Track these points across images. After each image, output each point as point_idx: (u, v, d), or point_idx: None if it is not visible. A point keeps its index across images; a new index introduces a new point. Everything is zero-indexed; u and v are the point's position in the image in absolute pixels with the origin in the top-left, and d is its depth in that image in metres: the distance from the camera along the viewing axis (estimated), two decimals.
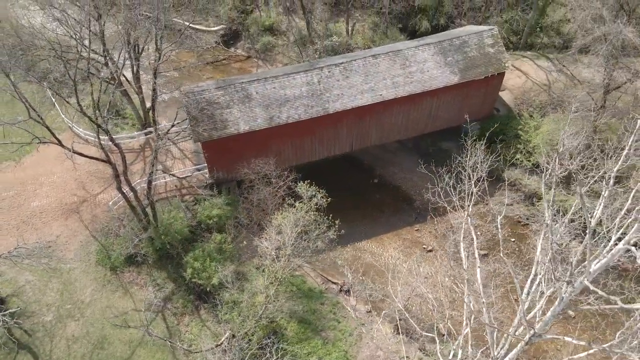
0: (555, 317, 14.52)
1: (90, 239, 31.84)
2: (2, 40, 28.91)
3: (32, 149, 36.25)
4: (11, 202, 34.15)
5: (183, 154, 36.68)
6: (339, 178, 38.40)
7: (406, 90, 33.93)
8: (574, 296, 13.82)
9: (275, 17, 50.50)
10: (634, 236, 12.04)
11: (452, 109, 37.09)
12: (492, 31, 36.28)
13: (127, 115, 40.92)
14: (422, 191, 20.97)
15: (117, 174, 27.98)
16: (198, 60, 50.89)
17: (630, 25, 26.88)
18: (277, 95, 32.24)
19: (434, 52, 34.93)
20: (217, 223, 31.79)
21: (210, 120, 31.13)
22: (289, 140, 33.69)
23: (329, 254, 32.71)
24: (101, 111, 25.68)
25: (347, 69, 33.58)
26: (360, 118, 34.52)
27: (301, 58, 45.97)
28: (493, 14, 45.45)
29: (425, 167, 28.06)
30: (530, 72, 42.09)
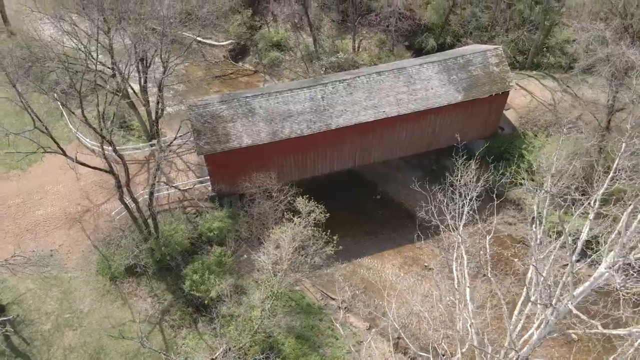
0: (542, 340, 14.28)
1: (92, 248, 32.07)
2: (12, 52, 29.56)
3: (39, 158, 36.85)
4: (17, 210, 34.56)
5: (187, 166, 36.99)
6: (342, 193, 38.44)
7: (410, 108, 34.05)
8: (567, 319, 13.63)
9: (283, 33, 51.15)
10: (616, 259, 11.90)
11: (456, 127, 37.03)
12: (497, 50, 36.42)
13: (134, 127, 41.42)
14: (425, 208, 20.86)
15: (119, 184, 28.24)
16: (206, 74, 51.62)
17: (634, 48, 26.86)
18: (281, 110, 32.52)
19: (438, 70, 35.10)
20: (217, 236, 31.89)
21: (213, 134, 31.44)
22: (291, 155, 33.85)
23: (330, 269, 32.61)
24: (106, 122, 25.98)
25: (350, 86, 33.83)
26: (363, 134, 34.64)
27: (307, 73, 46.40)
28: (499, 33, 45.63)
29: (427, 184, 27.98)
30: (535, 92, 42.06)
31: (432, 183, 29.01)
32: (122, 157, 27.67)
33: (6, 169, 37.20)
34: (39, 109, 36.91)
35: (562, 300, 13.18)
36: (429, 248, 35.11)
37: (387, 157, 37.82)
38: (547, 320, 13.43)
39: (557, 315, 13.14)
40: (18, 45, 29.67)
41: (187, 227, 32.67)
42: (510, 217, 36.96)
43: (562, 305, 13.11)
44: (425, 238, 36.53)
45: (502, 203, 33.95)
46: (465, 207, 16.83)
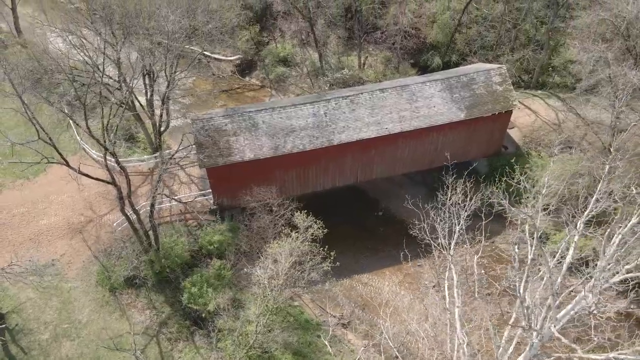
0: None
1: (93, 259, 32.25)
2: (21, 64, 30.24)
3: (45, 168, 37.36)
4: (21, 219, 34.94)
5: (190, 178, 37.27)
6: (344, 209, 38.44)
7: (412, 125, 34.15)
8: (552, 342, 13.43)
9: (290, 49, 51.73)
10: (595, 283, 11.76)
11: (459, 145, 37.07)
12: (501, 69, 36.53)
13: (140, 139, 41.91)
14: (418, 226, 20.85)
15: (121, 196, 28.52)
16: (214, 88, 52.26)
17: (637, 69, 26.80)
18: (284, 125, 32.77)
19: (441, 88, 35.25)
20: (217, 249, 31.95)
21: (215, 147, 31.73)
22: (293, 169, 34.01)
23: (329, 286, 32.48)
24: (109, 134, 26.36)
25: (353, 102, 34.05)
26: (366, 150, 34.74)
27: (313, 89, 46.79)
28: (505, 53, 45.80)
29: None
30: (540, 111, 42.01)
31: (432, 201, 28.92)
32: (124, 169, 27.98)
33: (13, 178, 37.73)
34: (48, 120, 37.63)
35: (547, 322, 13.04)
36: (430, 266, 34.88)
37: (389, 174, 37.83)
38: (531, 342, 13.26)
39: (542, 339, 12.96)
40: (28, 57, 30.32)
41: (188, 240, 32.81)
42: (513, 237, 36.64)
43: (545, 328, 12.97)
44: (425, 256, 36.34)
45: (505, 222, 33.88)
46: (456, 227, 16.76)
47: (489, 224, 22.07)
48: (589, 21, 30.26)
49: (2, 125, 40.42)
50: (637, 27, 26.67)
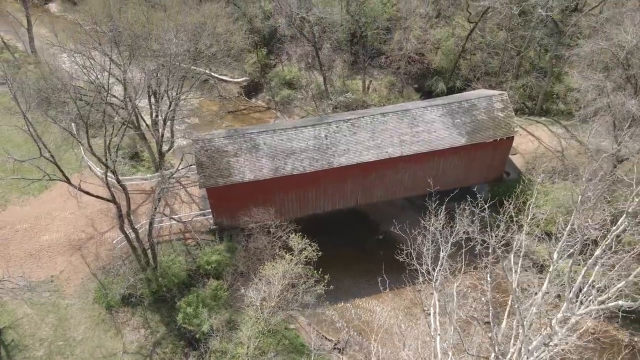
0: None
1: (91, 276, 32.38)
2: (28, 82, 31.04)
3: (51, 185, 37.87)
4: (23, 235, 35.33)
5: (191, 198, 37.53)
6: (344, 232, 38.34)
7: (412, 149, 34.25)
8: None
9: (296, 72, 52.49)
10: (565, 314, 11.55)
11: (460, 170, 37.03)
12: (502, 96, 36.68)
13: (144, 158, 42.46)
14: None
15: (120, 214, 28.78)
16: (220, 109, 53.02)
17: (637, 97, 26.76)
18: (284, 147, 33.05)
19: (442, 113, 35.42)
20: (215, 269, 31.95)
21: (216, 168, 32.02)
22: (293, 191, 34.13)
23: (326, 309, 32.20)
24: (111, 153, 26.78)
25: (354, 125, 34.31)
26: (366, 174, 34.82)
27: (317, 112, 47.24)
28: (508, 79, 46.03)
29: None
30: (543, 138, 41.95)
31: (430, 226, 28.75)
32: (124, 187, 28.28)
33: (19, 194, 38.29)
34: (55, 137, 38.33)
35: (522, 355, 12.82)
36: (429, 292, 34.46)
37: (390, 198, 37.78)
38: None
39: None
40: (37, 76, 31.17)
41: (186, 259, 32.88)
42: (514, 264, 36.19)
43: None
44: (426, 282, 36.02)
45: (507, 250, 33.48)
46: (442, 253, 16.65)
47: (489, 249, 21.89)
48: (588, 50, 30.44)
49: (12, 142, 41.23)
50: (636, 56, 26.78)
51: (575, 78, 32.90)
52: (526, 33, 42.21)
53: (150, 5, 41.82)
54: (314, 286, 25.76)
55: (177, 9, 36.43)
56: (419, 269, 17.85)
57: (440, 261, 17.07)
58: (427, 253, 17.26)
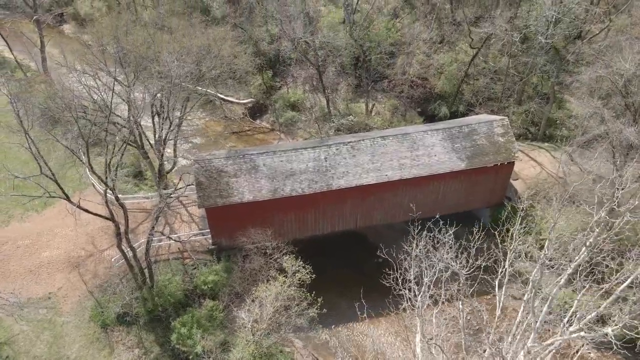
0: None
1: (88, 294, 32.44)
2: (38, 102, 31.77)
3: (54, 202, 38.29)
4: (24, 251, 35.63)
5: (191, 217, 37.70)
6: (343, 254, 38.15)
7: (412, 173, 34.27)
8: None
9: (300, 94, 53.12)
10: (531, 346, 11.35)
11: (461, 195, 36.91)
12: (503, 121, 36.75)
13: (148, 177, 42.89)
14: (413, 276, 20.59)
15: (118, 232, 29.00)
16: (225, 129, 53.65)
17: (637, 125, 26.68)
18: (284, 168, 33.25)
19: (442, 138, 35.52)
20: (212, 289, 31.87)
21: (215, 188, 32.24)
22: (292, 213, 34.19)
23: (321, 332, 31.85)
24: (111, 171, 27.15)
25: (354, 148, 34.48)
26: (365, 196, 34.83)
27: (320, 134, 47.60)
28: (511, 104, 46.17)
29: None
30: (545, 163, 41.77)
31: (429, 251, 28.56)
32: (123, 206, 28.56)
33: (22, 210, 38.74)
34: (60, 155, 38.97)
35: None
36: (428, 317, 33.99)
37: (389, 221, 37.65)
38: None
39: None
40: (44, 95, 31.92)
41: (184, 279, 32.86)
42: (515, 290, 35.70)
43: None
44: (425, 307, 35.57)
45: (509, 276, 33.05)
46: (425, 278, 16.52)
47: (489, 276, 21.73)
48: (587, 78, 30.55)
49: (19, 160, 41.91)
50: (635, 84, 26.81)
51: (574, 105, 32.98)
52: (528, 59, 42.51)
53: (158, 28, 42.89)
54: (307, 309, 25.54)
55: (183, 32, 37.25)
56: (405, 294, 17.68)
57: (423, 287, 16.93)
58: (411, 278, 17.12)
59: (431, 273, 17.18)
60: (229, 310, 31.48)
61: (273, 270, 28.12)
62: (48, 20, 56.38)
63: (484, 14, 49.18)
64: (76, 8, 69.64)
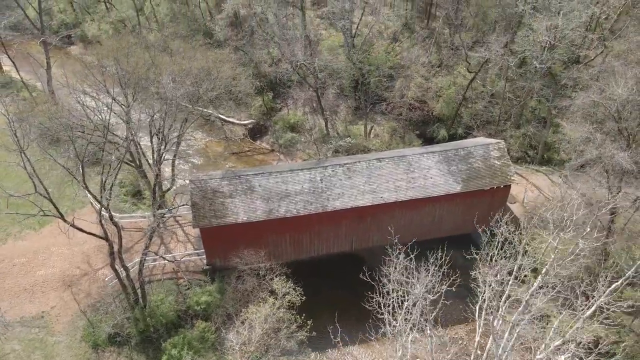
0: None
1: (81, 313, 32.32)
2: (37, 121, 32.29)
3: (52, 220, 38.49)
4: (20, 269, 35.70)
5: (187, 237, 37.74)
6: (340, 275, 37.85)
7: (408, 195, 34.27)
8: None
9: (300, 116, 53.61)
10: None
11: (457, 217, 36.79)
12: (499, 144, 36.85)
13: (146, 196, 43.10)
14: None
15: (112, 251, 29.06)
16: (225, 150, 54.08)
17: (630, 150, 26.69)
18: (279, 189, 33.36)
19: (438, 160, 35.61)
20: (204, 310, 31.68)
21: (211, 208, 32.35)
22: (287, 234, 34.16)
23: (319, 356, 31.45)
24: (106, 190, 27.37)
25: (350, 170, 34.61)
26: (361, 218, 34.78)
27: (318, 155, 47.85)
28: (508, 127, 46.34)
29: None
30: (543, 187, 41.70)
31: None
32: (117, 224, 28.69)
33: (20, 228, 38.92)
34: (59, 173, 39.36)
35: None
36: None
37: (386, 243, 37.40)
38: None
39: None
40: (44, 114, 32.46)
41: (177, 299, 32.72)
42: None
43: None
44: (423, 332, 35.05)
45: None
46: (406, 302, 16.36)
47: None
48: (580, 103, 30.74)
49: (19, 178, 42.24)
50: (627, 109, 26.94)
51: (567, 129, 33.12)
52: (525, 84, 42.84)
53: (160, 50, 43.73)
54: (297, 332, 25.30)
55: (184, 54, 37.96)
56: (387, 319, 17.51)
57: (402, 311, 16.77)
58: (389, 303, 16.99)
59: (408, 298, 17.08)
60: (221, 331, 31.25)
61: (264, 292, 27.96)
62: (55, 42, 57.61)
63: (480, 39, 49.83)
64: (84, 30, 71.19)
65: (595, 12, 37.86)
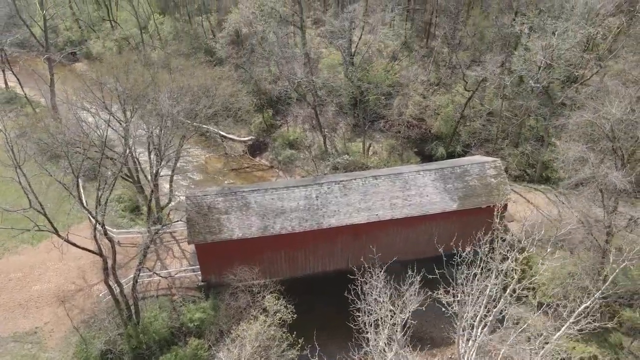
0: None
1: (74, 329, 32.19)
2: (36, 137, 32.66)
3: (49, 235, 38.58)
4: (15, 284, 35.73)
5: (183, 253, 37.72)
6: (335, 292, 37.57)
7: (403, 213, 34.23)
8: None
9: (299, 133, 53.92)
10: None
11: (453, 236, 36.52)
12: (495, 163, 36.87)
13: (144, 211, 43.23)
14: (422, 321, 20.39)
15: (106, 267, 29.08)
16: (224, 166, 54.34)
17: (624, 170, 26.65)
18: (275, 206, 33.41)
19: (435, 178, 35.63)
20: (198, 327, 31.52)
21: (206, 224, 32.40)
22: (282, 251, 34.10)
23: None
24: (101, 205, 27.54)
25: (346, 187, 34.66)
26: (356, 236, 34.71)
27: (316, 172, 48.00)
28: (506, 146, 46.39)
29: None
30: (541, 205, 41.53)
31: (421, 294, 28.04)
32: (111, 240, 28.76)
33: (17, 243, 39.09)
34: (58, 188, 39.66)
35: None
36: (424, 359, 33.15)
37: (381, 261, 37.20)
38: None
39: None
40: (42, 130, 32.90)
41: (171, 316, 32.56)
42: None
43: None
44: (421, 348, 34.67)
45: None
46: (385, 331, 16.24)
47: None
48: (574, 122, 30.84)
49: (18, 193, 42.45)
50: (620, 129, 27.00)
51: (560, 148, 33.17)
52: (522, 102, 43.04)
53: (161, 67, 44.35)
54: (287, 350, 25.09)
55: (183, 71, 38.48)
56: (370, 338, 17.37)
57: (380, 330, 16.61)
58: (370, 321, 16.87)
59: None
60: (214, 349, 31.00)
61: (257, 309, 27.81)
62: (59, 59, 58.58)
63: (477, 58, 50.24)
64: (88, 47, 72.36)
65: (591, 32, 38.19)
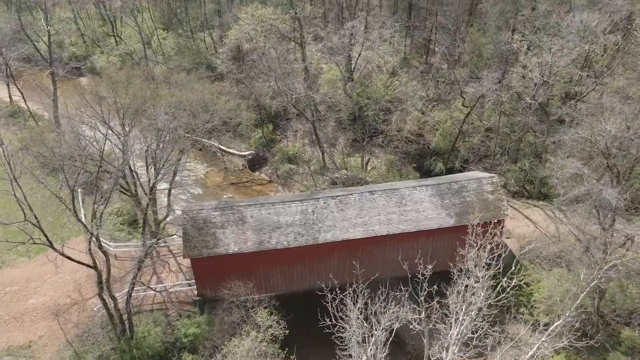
0: None
1: (68, 343, 32.04)
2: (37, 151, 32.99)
3: (46, 248, 38.67)
4: (11, 297, 35.69)
5: (179, 267, 37.68)
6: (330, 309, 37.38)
7: (399, 228, 34.14)
8: None
9: (299, 147, 54.15)
10: None
11: (450, 252, 36.38)
12: (492, 179, 36.84)
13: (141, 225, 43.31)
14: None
15: (100, 280, 29.06)
16: (224, 180, 54.51)
17: (619, 187, 26.58)
18: (271, 220, 33.42)
19: (431, 194, 35.60)
20: (192, 342, 31.33)
21: (202, 238, 32.42)
22: (277, 266, 34.01)
23: None
24: (96, 218, 27.64)
25: (342, 202, 34.67)
26: (352, 251, 34.57)
27: (315, 186, 48.07)
28: (504, 162, 46.38)
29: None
30: (539, 222, 41.35)
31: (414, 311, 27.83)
32: (105, 253, 28.80)
33: (16, 255, 39.13)
34: (57, 201, 39.85)
35: None
36: None
37: (378, 277, 37.04)
38: None
39: None
40: (40, 143, 33.25)
41: (165, 330, 32.39)
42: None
43: None
44: None
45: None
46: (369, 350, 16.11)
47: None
48: (568, 138, 30.88)
49: (14, 206, 42.73)
50: (615, 146, 27.01)
51: (554, 164, 33.18)
52: (519, 119, 43.18)
53: (161, 81, 44.83)
54: None
55: (182, 86, 38.88)
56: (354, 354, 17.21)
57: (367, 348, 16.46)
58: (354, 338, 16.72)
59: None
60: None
61: (249, 324, 27.66)
62: (63, 73, 59.32)
63: (476, 74, 50.55)
64: (92, 62, 73.28)
65: (586, 50, 38.43)
